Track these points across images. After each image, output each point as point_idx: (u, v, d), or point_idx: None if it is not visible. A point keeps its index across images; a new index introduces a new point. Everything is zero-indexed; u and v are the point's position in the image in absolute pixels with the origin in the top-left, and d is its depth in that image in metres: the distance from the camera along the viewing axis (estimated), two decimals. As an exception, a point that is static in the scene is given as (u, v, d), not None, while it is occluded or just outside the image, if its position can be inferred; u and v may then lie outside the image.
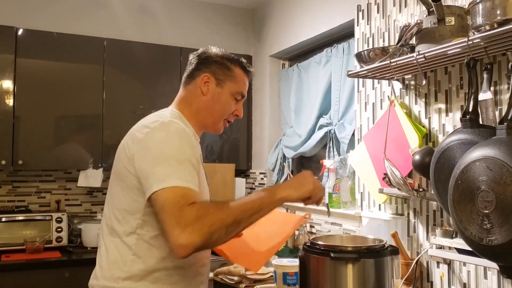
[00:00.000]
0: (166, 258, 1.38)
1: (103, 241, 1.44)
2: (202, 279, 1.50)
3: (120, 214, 1.39)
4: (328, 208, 1.64)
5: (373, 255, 1.55)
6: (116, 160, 1.45)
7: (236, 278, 2.04)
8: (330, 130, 2.90)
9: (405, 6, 2.14)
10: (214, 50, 1.60)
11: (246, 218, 1.30)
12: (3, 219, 2.92)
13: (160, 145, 1.33)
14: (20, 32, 3.02)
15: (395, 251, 1.62)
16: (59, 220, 3.02)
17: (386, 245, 1.61)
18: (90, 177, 3.18)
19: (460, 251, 1.67)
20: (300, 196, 1.41)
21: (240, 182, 3.59)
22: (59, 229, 3.01)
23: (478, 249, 1.40)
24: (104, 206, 1.50)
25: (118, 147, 1.48)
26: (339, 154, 2.80)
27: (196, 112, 1.54)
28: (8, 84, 2.98)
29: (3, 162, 2.92)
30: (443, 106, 1.95)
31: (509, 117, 1.38)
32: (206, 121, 1.56)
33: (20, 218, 2.98)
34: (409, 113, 2.10)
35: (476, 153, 1.39)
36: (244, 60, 1.62)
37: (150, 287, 1.37)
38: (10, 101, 2.98)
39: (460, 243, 1.63)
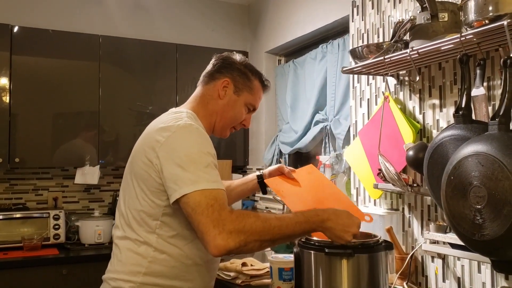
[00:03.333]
0: (184, 256, 1.43)
1: (123, 236, 1.46)
2: (215, 274, 1.58)
3: (138, 215, 1.42)
4: None
5: (368, 250, 1.56)
6: (133, 161, 1.47)
7: (232, 274, 2.05)
8: (325, 126, 2.91)
9: (400, 2, 2.14)
10: (238, 57, 1.64)
11: (283, 239, 1.38)
12: (0, 217, 2.92)
13: (186, 149, 1.36)
14: (15, 29, 3.02)
15: (389, 246, 1.63)
16: (56, 218, 3.03)
17: (381, 240, 1.62)
18: (87, 174, 3.18)
19: (454, 245, 1.69)
20: (341, 241, 1.44)
21: (237, 178, 3.60)
22: (56, 226, 3.02)
23: (471, 244, 1.41)
24: (120, 200, 1.52)
25: (134, 148, 1.50)
26: (334, 150, 2.81)
27: (210, 114, 1.58)
28: (4, 81, 2.98)
29: (0, 159, 2.93)
30: (437, 101, 1.96)
31: (501, 113, 1.39)
32: (216, 124, 1.60)
33: (18, 215, 2.98)
34: (403, 109, 2.11)
35: (468, 149, 1.40)
36: (264, 75, 1.68)
37: (169, 282, 1.42)
38: (6, 99, 2.98)
39: (453, 238, 1.65)
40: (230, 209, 1.31)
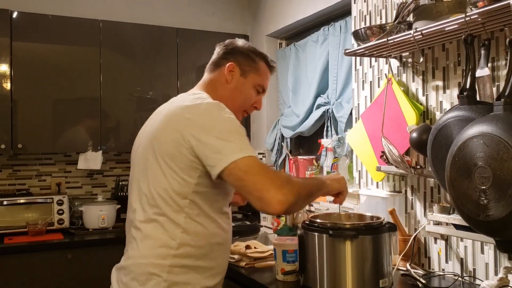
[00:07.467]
0: (209, 235, 1.44)
1: (147, 219, 1.42)
2: (229, 254, 1.61)
3: (166, 194, 1.40)
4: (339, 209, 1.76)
5: (371, 232, 1.58)
6: (156, 141, 1.44)
7: (236, 257, 2.06)
8: (328, 109, 2.90)
9: (403, -17, 2.12)
10: (241, 42, 1.66)
11: (314, 194, 1.47)
12: (5, 203, 2.93)
13: (222, 122, 1.37)
14: (14, 15, 2.99)
15: (392, 227, 1.64)
16: (60, 203, 3.04)
17: (384, 222, 1.63)
18: (90, 160, 3.19)
19: (457, 226, 1.70)
20: (339, 188, 1.56)
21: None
22: (60, 212, 3.03)
23: (475, 225, 1.42)
24: (136, 183, 1.49)
25: (152, 129, 1.48)
26: (337, 133, 2.80)
27: (219, 99, 1.56)
28: (4, 68, 2.96)
29: (3, 146, 2.93)
30: (440, 83, 1.95)
31: (506, 93, 1.38)
32: None
33: (22, 201, 2.99)
34: (406, 91, 2.10)
35: (473, 130, 1.40)
36: (268, 55, 1.69)
37: (196, 263, 1.42)
38: (7, 85, 2.97)
39: (457, 219, 1.65)
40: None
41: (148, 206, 1.43)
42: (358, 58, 2.41)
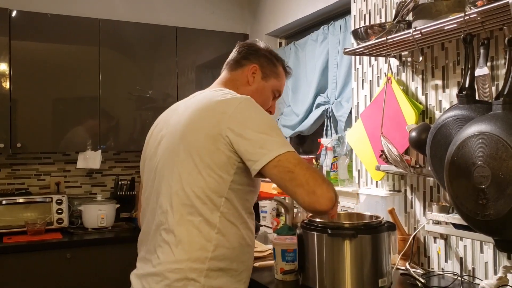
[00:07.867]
0: (241, 236, 1.41)
1: (181, 220, 1.36)
2: None
3: (202, 192, 1.35)
4: None
5: (370, 231, 1.57)
6: (188, 138, 1.38)
7: (235, 256, 2.06)
8: (327, 109, 2.89)
9: (402, -18, 2.11)
10: (262, 44, 1.66)
11: None
12: (4, 202, 2.93)
13: (260, 117, 1.36)
14: (13, 13, 2.99)
15: (391, 227, 1.64)
16: (59, 202, 3.04)
17: (383, 221, 1.63)
18: (89, 159, 3.19)
19: (457, 226, 1.69)
20: None
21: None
22: (59, 211, 3.03)
23: (474, 224, 1.42)
24: (167, 185, 1.40)
25: (177, 128, 1.42)
26: (336, 132, 2.80)
27: None
28: (3, 67, 2.96)
29: (2, 145, 2.93)
30: (440, 82, 1.95)
31: (505, 92, 1.38)
32: None
33: (21, 200, 3.00)
34: (406, 90, 2.10)
35: (472, 129, 1.40)
36: (286, 61, 1.71)
37: (229, 266, 1.39)
38: (6, 84, 2.96)
39: (456, 218, 1.65)
40: None
41: (181, 206, 1.36)
42: (357, 57, 2.40)
